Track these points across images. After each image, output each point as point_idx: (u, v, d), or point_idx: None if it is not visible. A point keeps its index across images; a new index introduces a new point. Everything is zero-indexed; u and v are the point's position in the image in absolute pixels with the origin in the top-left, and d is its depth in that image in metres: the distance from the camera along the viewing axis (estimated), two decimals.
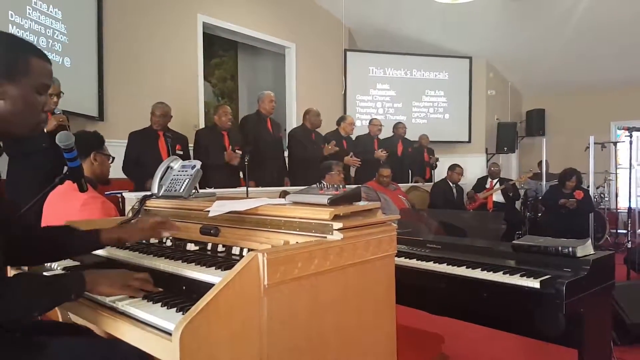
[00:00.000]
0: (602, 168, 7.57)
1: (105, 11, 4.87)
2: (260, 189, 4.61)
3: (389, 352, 1.44)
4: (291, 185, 5.06)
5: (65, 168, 1.64)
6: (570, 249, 1.95)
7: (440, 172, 7.05)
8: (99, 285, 1.22)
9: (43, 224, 2.17)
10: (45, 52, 4.09)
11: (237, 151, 4.61)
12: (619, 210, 7.75)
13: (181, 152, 4.34)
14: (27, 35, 4.08)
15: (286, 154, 5.56)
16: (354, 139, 6.19)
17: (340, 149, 5.54)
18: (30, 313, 1.12)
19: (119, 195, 3.76)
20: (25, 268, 1.59)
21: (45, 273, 1.53)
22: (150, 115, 4.31)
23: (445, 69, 8.38)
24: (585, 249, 1.98)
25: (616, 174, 8.09)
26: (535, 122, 9.34)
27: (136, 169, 4.19)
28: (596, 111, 8.84)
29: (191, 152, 4.68)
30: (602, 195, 7.48)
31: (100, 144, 2.33)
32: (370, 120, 6.54)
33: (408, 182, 6.74)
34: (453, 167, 6.61)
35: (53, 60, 4.54)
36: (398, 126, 6.87)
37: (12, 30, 3.94)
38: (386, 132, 6.74)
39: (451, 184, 6.60)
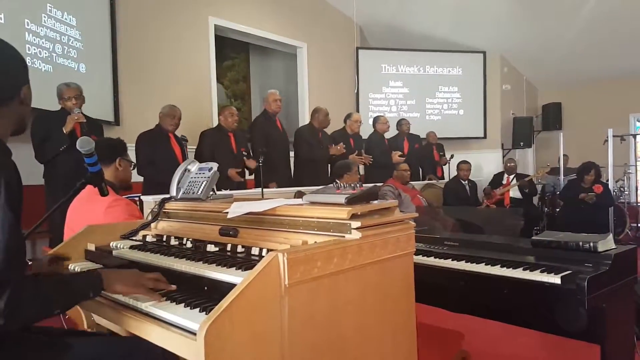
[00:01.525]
0: (621, 161, 7.45)
1: (118, 17, 4.94)
2: (275, 189, 4.62)
3: (410, 350, 1.44)
4: (296, 185, 5.00)
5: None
6: (591, 244, 1.93)
7: (454, 169, 6.99)
8: (115, 284, 1.25)
9: (67, 229, 2.21)
10: (61, 58, 4.16)
11: (243, 153, 4.59)
12: (639, 204, 7.62)
13: (186, 154, 4.35)
14: (43, 42, 4.16)
15: (292, 153, 5.52)
16: (364, 138, 6.15)
17: (347, 147, 5.48)
18: (50, 311, 1.14)
19: (137, 198, 3.81)
20: None
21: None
22: (165, 117, 4.31)
23: (459, 65, 8.32)
24: (607, 243, 1.95)
25: (636, 166, 7.95)
26: (552, 116, 9.23)
27: (150, 169, 4.19)
28: (614, 103, 8.70)
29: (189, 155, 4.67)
30: (621, 188, 7.36)
31: (125, 150, 2.38)
32: (377, 118, 6.37)
33: (417, 180, 6.67)
34: (459, 165, 6.57)
35: (69, 67, 4.63)
36: (401, 123, 6.75)
37: (29, 38, 4.02)
38: (393, 130, 6.70)
39: (463, 182, 6.55)
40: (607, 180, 6.40)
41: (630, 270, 2.00)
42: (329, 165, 5.49)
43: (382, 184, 5.27)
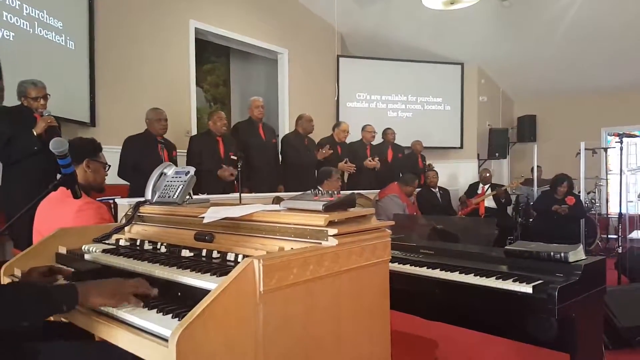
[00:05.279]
0: (592, 174, 7.64)
1: (96, 16, 4.85)
2: (253, 195, 4.61)
3: (384, 357, 1.44)
4: (285, 191, 5.05)
5: (59, 175, 1.63)
6: (562, 254, 1.97)
7: None
8: (92, 297, 1.20)
9: (35, 231, 2.15)
10: None
11: (232, 157, 4.58)
12: (609, 216, 7.83)
13: (175, 158, 4.33)
14: None
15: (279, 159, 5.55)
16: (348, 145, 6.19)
17: (334, 155, 5.54)
18: (19, 324, 1.10)
19: (111, 201, 3.74)
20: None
21: None
22: (152, 121, 4.27)
23: (437, 75, 8.42)
24: (577, 254, 1.99)
25: (607, 179, 8.17)
26: (527, 128, 9.42)
27: (135, 174, 4.12)
28: (587, 117, 8.94)
29: (179, 159, 4.65)
30: (592, 200, 7.54)
31: (95, 152, 2.31)
32: (364, 127, 6.49)
33: None
34: (426, 173, 6.70)
35: None
36: (387, 132, 6.83)
37: (4, 34, 3.92)
38: (378, 138, 6.75)
39: (433, 190, 6.64)
40: (579, 192, 6.56)
41: (599, 280, 2.05)
42: (317, 170, 5.54)
43: (379, 190, 5.34)
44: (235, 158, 4.50)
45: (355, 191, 4.87)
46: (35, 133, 3.34)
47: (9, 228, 3.15)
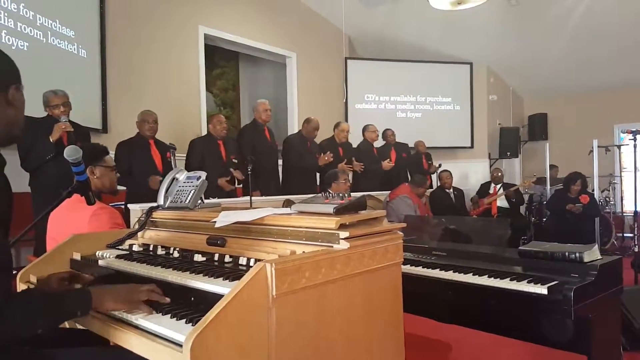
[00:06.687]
0: (606, 171, 7.55)
1: (107, 25, 4.91)
2: (263, 198, 4.61)
3: None
4: (285, 194, 4.98)
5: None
6: (577, 255, 1.95)
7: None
8: (106, 302, 1.21)
9: (49, 238, 2.18)
10: None
11: (233, 160, 4.57)
12: (624, 214, 7.72)
13: (169, 160, 4.26)
14: None
15: (280, 161, 5.49)
16: (354, 146, 6.16)
17: (335, 156, 5.47)
18: (33, 331, 1.10)
19: (122, 206, 3.77)
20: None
21: None
22: (140, 123, 4.22)
23: (446, 75, 8.39)
24: (592, 254, 1.97)
25: (621, 177, 8.06)
26: (538, 127, 9.34)
27: (130, 178, 4.09)
28: (599, 114, 8.84)
29: (177, 162, 4.61)
30: (607, 199, 7.44)
31: (99, 157, 2.28)
32: (366, 127, 6.38)
33: None
34: (440, 175, 6.65)
35: None
36: (387, 133, 6.74)
37: (19, 44, 3.99)
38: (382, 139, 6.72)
39: (447, 190, 6.59)
40: (593, 191, 6.48)
41: (616, 280, 2.02)
42: (318, 174, 5.51)
43: (389, 192, 5.30)
44: (236, 161, 4.48)
45: (365, 193, 4.85)
46: (52, 139, 3.42)
47: (35, 234, 3.23)
